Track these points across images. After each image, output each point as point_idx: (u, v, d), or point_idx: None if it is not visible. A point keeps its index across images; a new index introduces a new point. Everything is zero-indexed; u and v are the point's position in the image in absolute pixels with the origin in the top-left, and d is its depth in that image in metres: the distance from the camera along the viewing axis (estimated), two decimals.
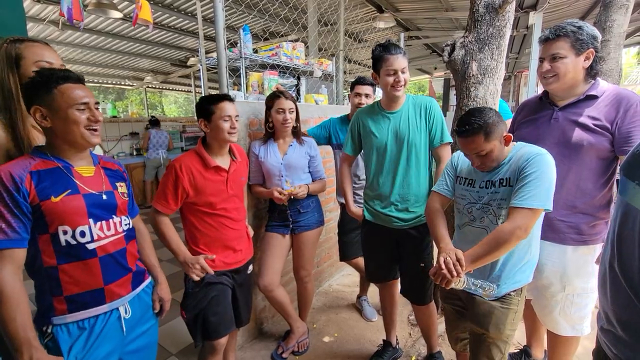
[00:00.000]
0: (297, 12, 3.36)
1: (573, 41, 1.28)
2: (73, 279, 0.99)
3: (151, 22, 1.71)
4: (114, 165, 1.18)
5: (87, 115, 0.97)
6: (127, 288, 1.11)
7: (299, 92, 2.76)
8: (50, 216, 0.95)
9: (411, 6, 4.97)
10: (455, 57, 2.00)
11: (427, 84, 11.46)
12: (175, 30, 5.79)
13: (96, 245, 1.02)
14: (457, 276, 1.09)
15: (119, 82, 9.58)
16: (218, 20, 1.80)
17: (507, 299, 1.25)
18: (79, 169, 1.03)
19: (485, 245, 1.12)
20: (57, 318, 0.99)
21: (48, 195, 0.94)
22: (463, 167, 1.35)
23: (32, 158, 0.97)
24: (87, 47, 6.31)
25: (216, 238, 1.53)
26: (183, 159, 1.47)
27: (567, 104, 1.38)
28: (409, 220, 1.64)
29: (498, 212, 1.20)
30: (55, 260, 0.97)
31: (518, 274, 1.23)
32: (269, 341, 2.19)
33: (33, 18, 4.71)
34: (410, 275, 1.74)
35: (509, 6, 1.85)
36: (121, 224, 1.10)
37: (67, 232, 0.97)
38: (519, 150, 1.21)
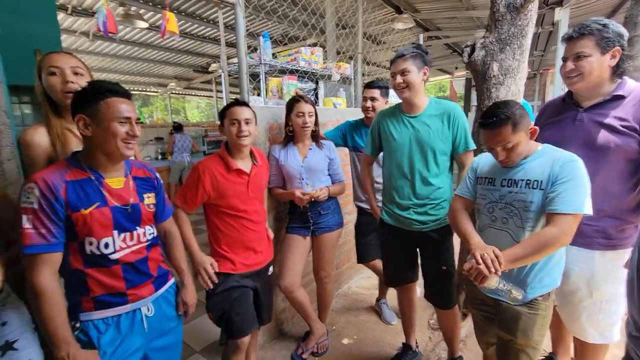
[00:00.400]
0: (315, 17, 3.40)
1: (598, 39, 1.24)
2: (98, 282, 1.04)
3: (177, 32, 1.79)
4: (145, 172, 1.19)
5: (126, 129, 1.01)
6: (149, 289, 1.15)
7: (317, 96, 2.79)
8: (79, 227, 0.99)
9: (431, 6, 4.91)
10: (475, 58, 1.97)
11: (447, 84, 11.25)
12: (198, 38, 5.98)
13: (118, 255, 1.06)
14: (494, 273, 1.07)
15: (144, 88, 9.99)
16: (239, 28, 1.86)
17: (535, 304, 1.22)
18: (109, 181, 1.06)
19: (526, 246, 1.10)
20: (84, 314, 1.04)
21: (78, 208, 0.98)
22: (483, 168, 1.34)
23: (67, 166, 1.01)
24: (115, 56, 6.63)
25: (237, 239, 1.58)
26: (206, 162, 1.54)
27: (592, 105, 1.33)
28: (428, 223, 1.63)
29: (524, 215, 1.17)
30: (82, 264, 1.03)
31: (545, 277, 1.20)
32: (289, 341, 2.22)
33: (66, 30, 4.99)
34: (433, 279, 1.72)
35: (532, 4, 1.81)
36: (145, 234, 1.13)
37: (93, 243, 1.01)
38: (549, 153, 1.18)
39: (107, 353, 1.04)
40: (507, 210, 1.21)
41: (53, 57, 1.16)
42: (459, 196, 1.39)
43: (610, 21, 1.25)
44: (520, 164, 1.21)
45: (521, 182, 1.19)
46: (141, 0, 4.34)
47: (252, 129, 1.54)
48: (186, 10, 4.84)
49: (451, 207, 1.41)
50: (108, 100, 0.99)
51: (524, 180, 1.18)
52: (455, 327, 1.81)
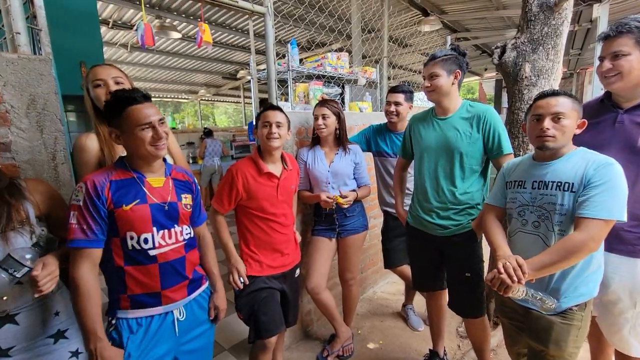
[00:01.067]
0: (342, 23, 3.44)
1: (637, 37, 1.18)
2: (135, 280, 1.09)
3: (211, 42, 1.88)
4: (185, 176, 1.25)
5: (151, 134, 1.06)
6: (183, 293, 1.18)
7: (343, 101, 2.82)
8: (121, 222, 1.05)
9: (458, 7, 4.83)
10: (506, 59, 1.93)
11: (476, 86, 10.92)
12: (227, 46, 6.21)
13: (157, 252, 1.10)
14: (517, 282, 1.03)
15: (176, 96, 10.46)
16: (269, 37, 1.93)
17: (569, 314, 1.15)
18: (150, 180, 1.12)
19: (552, 253, 1.06)
20: (121, 312, 1.10)
21: (120, 204, 1.04)
22: (512, 172, 1.31)
23: (113, 168, 1.10)
24: (150, 65, 7.01)
25: (265, 241, 1.63)
26: (239, 165, 1.60)
27: (633, 106, 1.27)
28: (450, 228, 1.59)
29: (555, 219, 1.13)
30: (123, 261, 1.08)
31: (581, 286, 1.14)
32: (314, 343, 2.24)
33: (107, 43, 5.35)
34: (456, 287, 1.68)
35: (566, 3, 1.75)
36: (182, 233, 1.17)
37: (133, 237, 1.07)
38: (584, 155, 1.14)
39: (132, 356, 1.08)
40: (537, 214, 1.18)
41: (97, 70, 1.26)
42: (489, 205, 1.36)
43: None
44: (552, 163, 1.17)
45: (552, 183, 1.15)
46: (175, 12, 4.57)
47: (283, 132, 1.59)
48: (217, 21, 5.05)
49: (483, 215, 1.38)
50: (128, 110, 1.04)
51: (554, 182, 1.14)
52: (484, 337, 1.75)
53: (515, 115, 1.95)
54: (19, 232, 0.96)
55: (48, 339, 1.05)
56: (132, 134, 1.05)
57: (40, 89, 1.20)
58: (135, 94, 1.06)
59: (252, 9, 1.88)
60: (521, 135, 1.94)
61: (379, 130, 2.25)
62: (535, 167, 1.22)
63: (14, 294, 0.97)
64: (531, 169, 1.23)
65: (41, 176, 1.20)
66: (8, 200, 0.95)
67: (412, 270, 1.89)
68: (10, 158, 1.15)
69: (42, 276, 0.90)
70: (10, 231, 0.94)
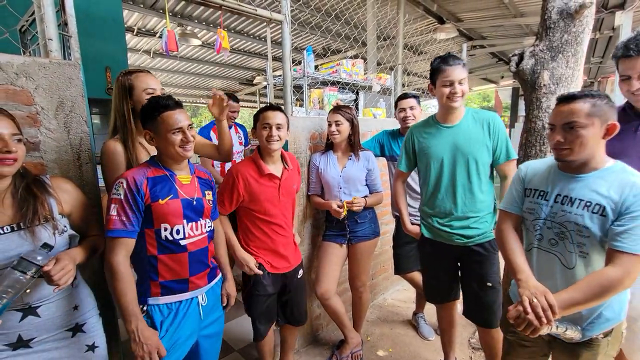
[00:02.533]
0: (357, 30, 3.48)
1: None
2: (167, 267, 1.19)
3: (229, 49, 1.94)
4: (205, 174, 1.37)
5: (180, 137, 1.17)
6: (205, 280, 1.29)
7: (357, 107, 2.83)
8: (156, 215, 1.16)
9: (475, 15, 4.81)
10: (523, 66, 1.90)
11: (492, 93, 10.75)
12: (244, 53, 6.34)
13: (187, 242, 1.21)
14: (546, 324, 0.93)
15: (194, 100, 10.72)
16: (285, 44, 1.97)
17: (595, 342, 1.07)
18: (180, 177, 1.23)
19: (584, 290, 0.96)
20: (152, 299, 1.19)
21: (157, 198, 1.15)
22: (533, 178, 1.19)
23: (148, 166, 1.20)
24: (170, 71, 7.22)
25: (266, 243, 1.66)
26: (240, 167, 1.61)
27: None
28: (472, 237, 1.58)
29: (577, 240, 1.04)
30: (157, 250, 1.18)
31: (605, 311, 1.05)
32: (323, 348, 2.24)
33: (131, 49, 5.55)
34: (476, 296, 1.64)
35: (588, 10, 1.72)
36: (205, 226, 1.28)
37: (167, 229, 1.18)
38: (621, 175, 1.01)
39: (166, 335, 1.18)
40: (556, 231, 1.08)
41: (148, 78, 1.37)
42: (505, 212, 1.24)
43: None
44: (583, 177, 1.06)
45: (579, 201, 1.04)
46: (197, 20, 4.71)
47: (283, 134, 1.59)
48: (235, 28, 5.18)
49: (499, 226, 1.26)
50: (163, 115, 1.15)
51: (583, 201, 1.03)
52: (499, 347, 1.70)
53: (533, 123, 1.92)
54: (44, 226, 1.00)
55: (67, 331, 1.08)
56: (165, 137, 1.16)
57: (68, 92, 1.26)
58: (169, 101, 1.17)
59: (270, 16, 1.93)
60: (538, 144, 1.90)
61: (392, 135, 2.27)
62: (561, 178, 1.11)
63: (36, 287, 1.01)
64: (557, 179, 1.12)
65: (67, 175, 1.25)
66: (35, 193, 1.00)
67: (426, 282, 1.86)
68: (39, 157, 1.21)
69: (56, 271, 0.93)
70: (36, 226, 0.98)
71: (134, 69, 1.39)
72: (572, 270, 1.07)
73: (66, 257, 0.98)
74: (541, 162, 1.23)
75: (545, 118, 1.87)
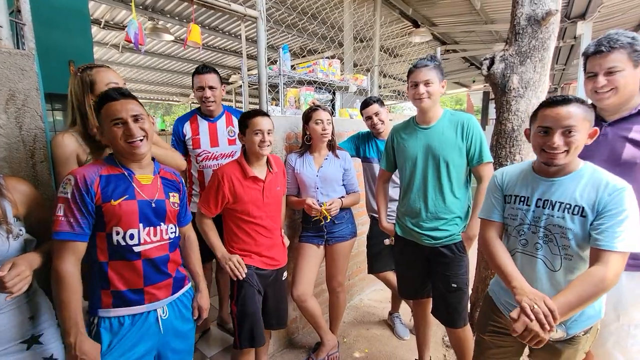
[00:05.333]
0: (334, 31, 3.48)
1: (630, 52, 1.20)
2: (119, 275, 1.09)
3: (200, 44, 1.87)
4: (172, 176, 1.27)
5: (122, 130, 1.06)
6: (167, 292, 1.18)
7: (334, 107, 2.83)
8: (108, 217, 1.05)
9: (448, 20, 4.94)
10: (494, 70, 1.96)
11: (465, 97, 11.14)
12: (219, 50, 6.20)
13: (142, 248, 1.10)
14: (549, 331, 0.92)
15: (167, 98, 10.36)
16: (260, 41, 1.92)
17: (576, 339, 1.10)
18: (139, 177, 1.13)
19: (578, 292, 0.96)
20: (103, 311, 1.08)
21: (108, 199, 1.05)
22: (510, 184, 1.19)
23: (103, 164, 1.10)
24: (142, 67, 6.94)
25: (249, 243, 1.62)
26: (225, 169, 1.59)
27: (617, 119, 1.29)
28: (440, 239, 1.59)
29: (562, 242, 1.06)
30: (107, 256, 1.08)
31: (588, 309, 1.08)
32: (299, 352, 2.20)
33: (98, 42, 5.28)
34: (442, 296, 1.66)
35: (554, 18, 1.80)
36: (167, 232, 1.17)
37: (119, 232, 1.07)
38: (594, 175, 1.04)
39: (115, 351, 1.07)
40: (541, 235, 1.10)
41: (110, 73, 1.31)
42: (487, 220, 1.23)
43: (635, 34, 1.22)
44: (558, 180, 1.08)
45: (559, 204, 1.06)
46: (169, 15, 4.55)
47: (272, 138, 1.60)
48: (210, 25, 5.04)
49: (482, 236, 1.24)
50: (104, 107, 1.07)
51: (562, 204, 1.05)
52: (466, 346, 1.73)
53: (503, 125, 1.98)
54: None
55: (21, 344, 1.00)
56: (108, 131, 1.08)
57: (20, 85, 1.16)
58: (114, 91, 1.09)
59: (245, 12, 1.87)
60: (508, 146, 1.97)
61: (365, 137, 2.26)
62: (540, 182, 1.12)
63: None
64: (535, 183, 1.13)
65: (18, 174, 1.15)
66: None
67: (399, 279, 1.88)
68: None
69: (10, 277, 0.86)
70: None
71: (93, 64, 1.33)
72: (557, 273, 1.09)
73: (23, 263, 0.91)
74: (515, 168, 1.24)
75: (514, 120, 1.93)
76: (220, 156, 2.03)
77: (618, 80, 1.22)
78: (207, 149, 2.00)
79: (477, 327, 1.41)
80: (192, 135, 1.99)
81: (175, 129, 2.02)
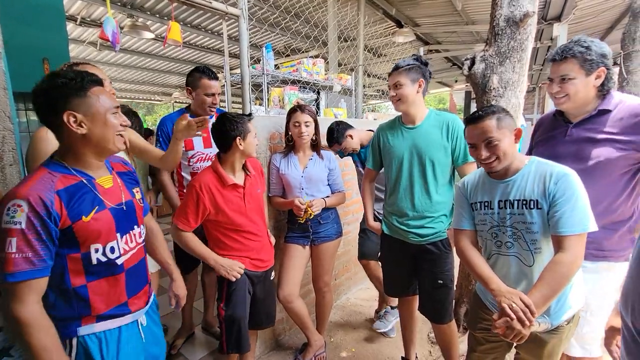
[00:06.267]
0: (317, 30, 3.47)
1: (581, 62, 1.26)
2: (102, 295, 0.97)
3: (180, 42, 1.82)
4: (124, 166, 1.13)
5: (119, 121, 0.95)
6: (145, 299, 1.11)
7: (318, 107, 2.82)
8: (83, 236, 0.91)
9: (431, 21, 5.00)
10: (475, 70, 2.00)
11: (447, 96, 11.34)
12: (202, 49, 6.08)
13: (123, 259, 1.01)
14: (529, 326, 0.97)
15: (149, 97, 10.10)
16: (243, 40, 1.90)
17: (560, 329, 1.14)
18: (100, 181, 0.98)
19: (550, 283, 1.01)
20: (83, 328, 0.95)
21: (79, 216, 0.90)
22: (474, 192, 1.26)
23: (51, 174, 0.89)
24: (121, 65, 6.73)
25: (239, 250, 1.58)
26: (202, 179, 1.49)
27: (580, 120, 1.35)
28: (426, 236, 1.61)
29: (529, 237, 1.11)
30: (85, 278, 0.94)
31: (570, 299, 1.13)
32: (286, 353, 2.19)
33: (74, 40, 5.09)
34: (428, 292, 1.69)
35: (531, 19, 1.84)
36: (140, 235, 1.09)
37: (99, 250, 0.94)
38: (538, 167, 1.12)
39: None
40: (509, 234, 1.15)
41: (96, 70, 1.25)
42: (459, 230, 1.28)
43: (594, 42, 1.27)
44: (511, 180, 1.15)
45: (517, 202, 1.13)
46: (148, 12, 4.43)
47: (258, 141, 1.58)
48: (191, 22, 4.94)
49: (457, 246, 1.30)
50: (94, 90, 0.91)
51: (519, 201, 1.12)
52: (452, 342, 1.77)
53: None
54: None
55: None
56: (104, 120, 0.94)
57: None
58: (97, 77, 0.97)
59: (226, 10, 1.84)
60: None
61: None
62: (496, 186, 1.19)
63: None
64: (493, 187, 1.20)
65: None
66: None
67: (385, 277, 1.89)
68: None
69: None
70: None
71: (80, 62, 1.29)
72: (532, 268, 1.14)
73: None
74: (474, 176, 1.30)
75: None
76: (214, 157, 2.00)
77: (569, 88, 1.29)
78: (200, 150, 1.95)
79: (468, 324, 1.46)
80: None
81: (165, 129, 1.93)
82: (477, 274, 1.17)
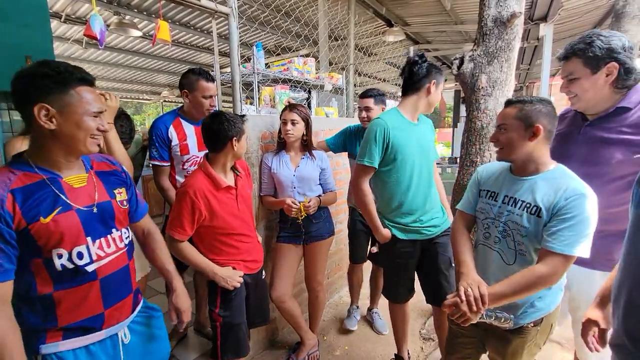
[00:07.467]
0: (308, 28, 3.46)
1: (584, 60, 1.18)
2: (70, 306, 0.90)
3: (169, 41, 1.79)
4: (110, 165, 1.06)
5: (97, 124, 0.90)
6: (127, 311, 1.02)
7: (309, 106, 2.81)
8: (42, 239, 0.84)
9: (420, 20, 5.04)
10: (464, 70, 2.02)
11: None
12: (191, 47, 6.01)
13: (96, 266, 0.92)
14: (476, 312, 1.01)
15: (137, 96, 9.93)
16: (232, 38, 1.88)
17: (524, 330, 1.15)
18: (69, 179, 0.91)
19: (513, 285, 1.02)
20: (47, 346, 0.88)
21: (36, 216, 0.83)
22: (487, 180, 1.25)
23: (11, 172, 0.84)
24: (108, 64, 6.60)
25: (233, 254, 1.55)
26: (194, 184, 1.40)
27: (596, 118, 1.27)
28: (439, 225, 1.71)
29: (517, 239, 1.11)
30: (51, 287, 0.87)
31: (538, 302, 1.13)
32: (279, 352, 2.19)
33: (59, 37, 4.97)
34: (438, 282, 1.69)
35: (518, 19, 1.87)
36: (122, 239, 1.00)
37: (63, 255, 0.87)
38: (559, 179, 1.06)
39: None
40: (500, 229, 1.15)
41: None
42: (461, 212, 1.31)
43: (600, 36, 1.16)
44: (527, 179, 1.11)
45: (521, 202, 1.10)
46: (135, 10, 4.36)
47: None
48: (180, 20, 4.88)
49: (453, 225, 1.33)
50: (79, 89, 0.86)
51: (524, 202, 1.09)
52: None
53: (472, 123, 2.05)
54: None
55: None
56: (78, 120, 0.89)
57: None
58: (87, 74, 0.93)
59: (216, 8, 1.82)
60: (478, 143, 2.03)
61: (354, 132, 2.25)
62: (510, 181, 1.17)
63: None
64: (506, 181, 1.18)
65: None
66: None
67: (393, 285, 1.80)
68: None
69: None
70: None
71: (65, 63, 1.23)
72: (511, 267, 1.14)
73: None
74: (496, 165, 1.27)
75: (483, 119, 2.00)
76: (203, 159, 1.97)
77: (576, 89, 1.23)
78: (195, 154, 1.92)
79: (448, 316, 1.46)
80: (180, 141, 1.88)
81: (159, 132, 1.87)
82: (456, 255, 1.22)
